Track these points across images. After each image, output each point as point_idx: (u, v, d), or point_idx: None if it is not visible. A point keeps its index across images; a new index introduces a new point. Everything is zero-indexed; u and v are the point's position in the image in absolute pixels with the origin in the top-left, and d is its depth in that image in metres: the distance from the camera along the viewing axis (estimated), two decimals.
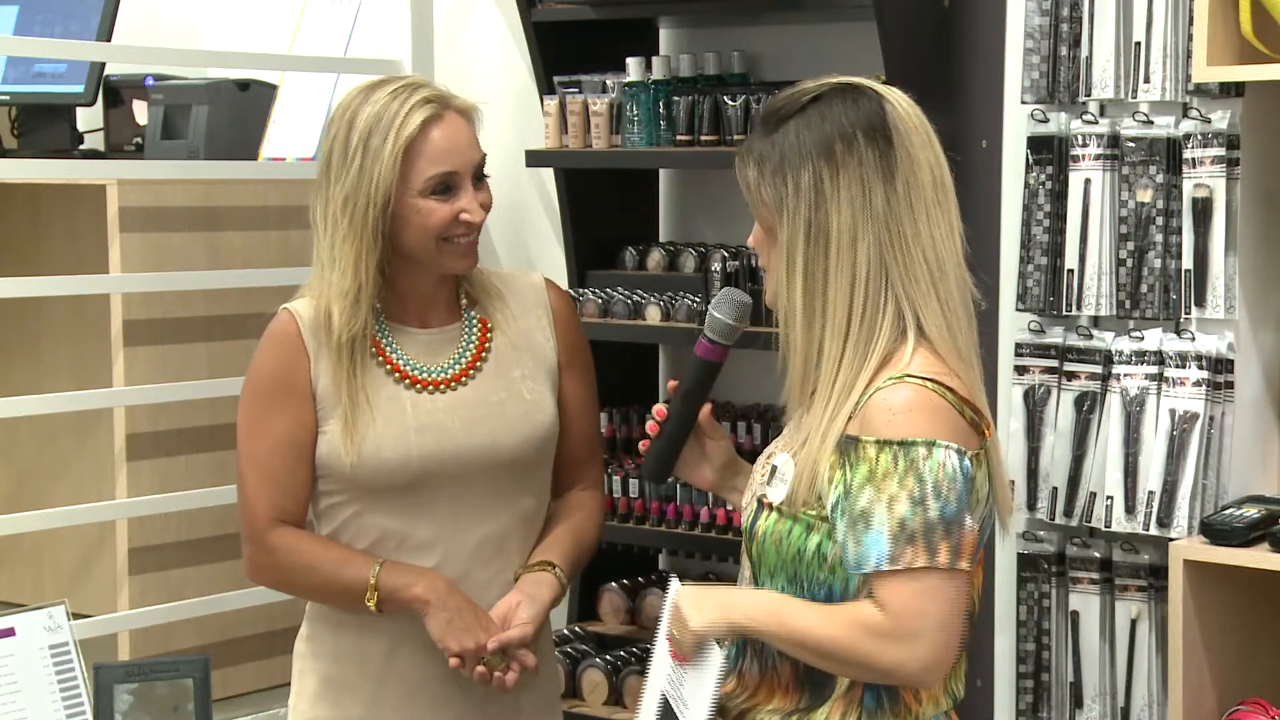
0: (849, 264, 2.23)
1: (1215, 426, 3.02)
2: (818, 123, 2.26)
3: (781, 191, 2.26)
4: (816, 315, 2.25)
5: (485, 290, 2.76)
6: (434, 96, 2.64)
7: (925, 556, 2.15)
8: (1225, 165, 2.97)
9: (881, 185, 2.24)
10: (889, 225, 2.24)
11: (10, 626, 2.89)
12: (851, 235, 2.23)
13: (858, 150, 2.25)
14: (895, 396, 2.19)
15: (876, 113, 2.27)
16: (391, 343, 2.68)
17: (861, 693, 2.26)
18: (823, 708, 2.27)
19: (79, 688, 2.92)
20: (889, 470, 2.17)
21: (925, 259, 2.26)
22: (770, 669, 2.32)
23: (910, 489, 2.16)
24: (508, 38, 4.01)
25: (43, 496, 4.06)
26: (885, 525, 2.16)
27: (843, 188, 2.24)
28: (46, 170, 3.78)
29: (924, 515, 2.15)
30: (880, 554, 2.16)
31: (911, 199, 2.26)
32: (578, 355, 2.80)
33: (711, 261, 3.42)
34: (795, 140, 2.26)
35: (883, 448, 2.18)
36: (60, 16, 4.06)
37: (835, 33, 3.53)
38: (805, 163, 2.25)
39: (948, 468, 2.17)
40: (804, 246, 2.24)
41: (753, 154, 2.30)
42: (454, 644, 2.60)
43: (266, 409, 2.65)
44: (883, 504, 2.16)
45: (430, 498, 2.66)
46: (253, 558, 2.69)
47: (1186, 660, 2.88)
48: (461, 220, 2.62)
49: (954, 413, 2.21)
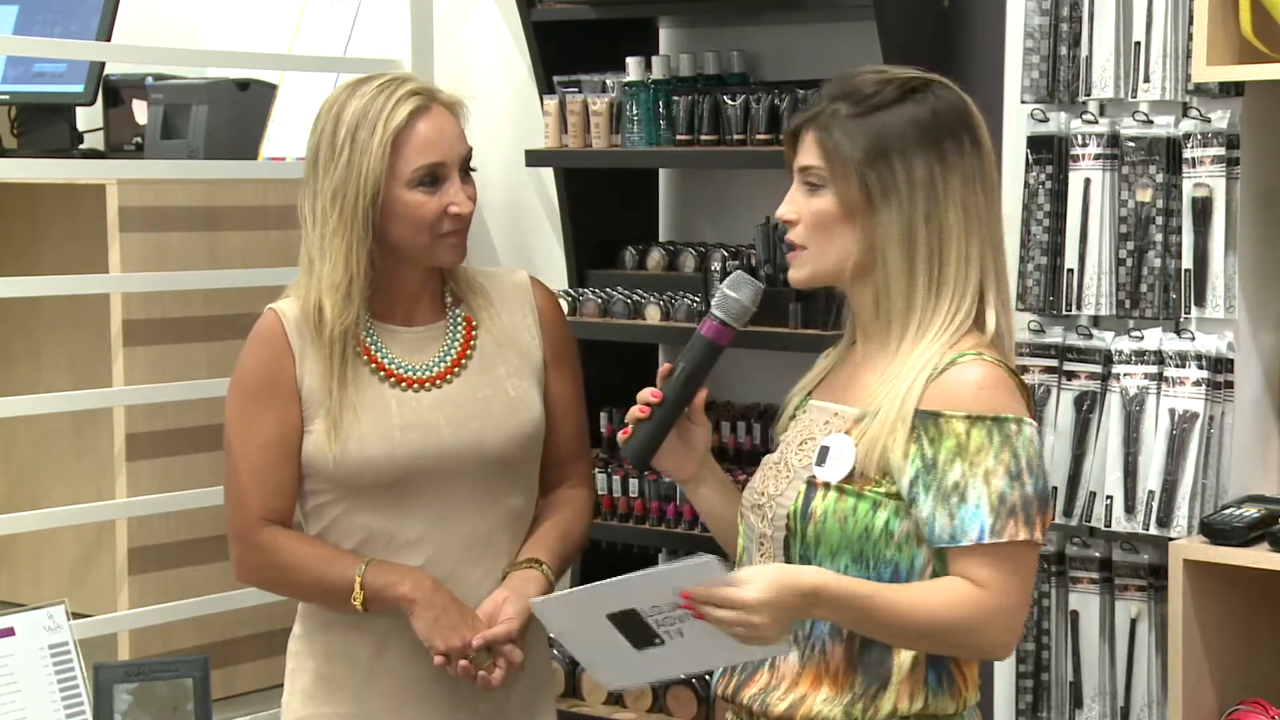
0: (965, 259, 2.29)
1: (1215, 426, 3.01)
2: (924, 114, 2.30)
3: (888, 177, 2.27)
4: (930, 303, 2.29)
5: (470, 288, 2.76)
6: (420, 89, 2.65)
7: (1026, 530, 2.19)
8: (1225, 165, 2.97)
9: (980, 188, 2.31)
10: (989, 227, 2.32)
11: (10, 626, 2.90)
12: (966, 232, 2.29)
13: (964, 150, 2.31)
14: (974, 372, 2.24)
15: (971, 115, 2.34)
16: (376, 341, 2.69)
17: (925, 672, 2.27)
18: (888, 691, 2.26)
19: (79, 688, 2.92)
20: (983, 444, 2.20)
21: (997, 260, 2.34)
22: (818, 656, 2.29)
23: (1006, 463, 2.20)
24: (507, 37, 4.01)
25: (42, 496, 4.06)
26: (984, 499, 2.19)
27: (955, 185, 2.29)
28: (46, 170, 3.78)
29: (1021, 490, 2.20)
30: (983, 527, 2.18)
31: (993, 204, 2.34)
32: (564, 353, 2.80)
33: (711, 261, 3.42)
34: (902, 127, 2.28)
35: (974, 422, 2.21)
36: (60, 16, 4.07)
37: (835, 33, 3.53)
38: (917, 152, 2.27)
39: (1036, 444, 2.23)
40: (925, 236, 2.27)
41: (842, 129, 2.29)
42: (440, 642, 2.60)
43: (253, 409, 2.66)
44: (979, 478, 2.19)
45: (417, 496, 2.66)
46: (240, 557, 2.69)
47: (1186, 660, 2.88)
48: (450, 213, 2.63)
49: (1020, 391, 2.27)
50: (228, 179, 3.80)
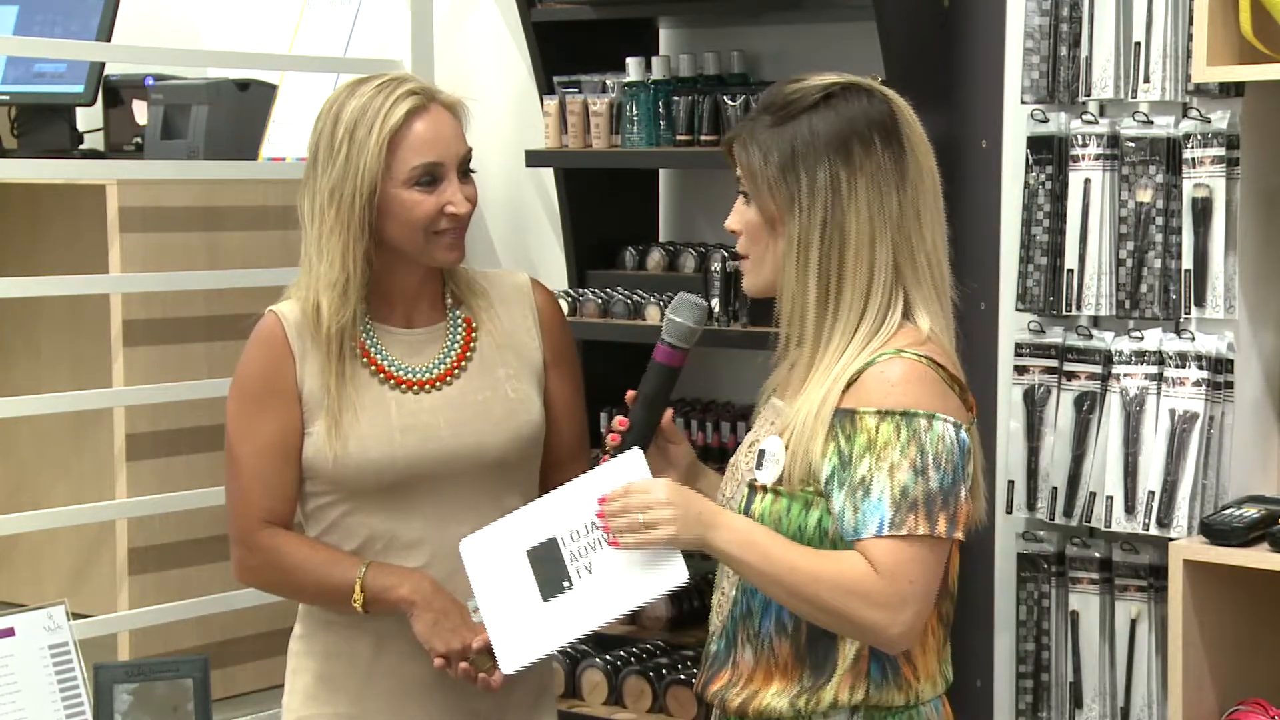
0: (867, 265, 2.28)
1: (1215, 426, 3.01)
2: (834, 120, 2.29)
3: (794, 187, 2.28)
4: (829, 311, 2.29)
5: (470, 290, 2.76)
6: (419, 89, 2.65)
7: (926, 525, 2.20)
8: (1225, 165, 2.97)
9: (895, 189, 2.29)
10: (901, 229, 2.29)
11: (10, 626, 2.90)
12: (870, 237, 2.27)
13: (874, 153, 2.28)
14: (892, 369, 2.24)
15: (889, 115, 2.32)
16: (376, 343, 2.69)
17: (867, 665, 2.29)
18: (831, 683, 2.29)
19: (79, 688, 2.92)
20: (890, 440, 2.21)
21: (929, 263, 2.32)
22: (767, 652, 2.33)
23: (912, 458, 2.20)
24: (507, 38, 4.01)
25: (42, 496, 4.06)
26: (887, 492, 2.20)
27: (860, 189, 2.27)
28: (46, 170, 3.77)
29: (925, 484, 2.20)
30: (883, 519, 2.19)
31: (919, 204, 2.31)
32: (564, 355, 2.80)
33: (711, 261, 3.42)
34: (809, 135, 2.28)
35: (884, 418, 2.22)
36: (60, 16, 4.06)
37: (835, 33, 3.53)
38: (821, 160, 2.27)
39: (946, 440, 2.22)
40: (819, 244, 2.28)
41: (758, 142, 2.31)
42: (439, 644, 2.60)
43: (253, 411, 2.66)
44: (883, 472, 2.20)
45: (417, 498, 2.66)
46: (241, 559, 2.70)
47: (1186, 660, 2.88)
48: (447, 212, 2.63)
49: (945, 385, 2.27)
50: (228, 179, 3.80)
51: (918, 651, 2.32)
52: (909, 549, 2.20)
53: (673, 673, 3.45)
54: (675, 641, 3.61)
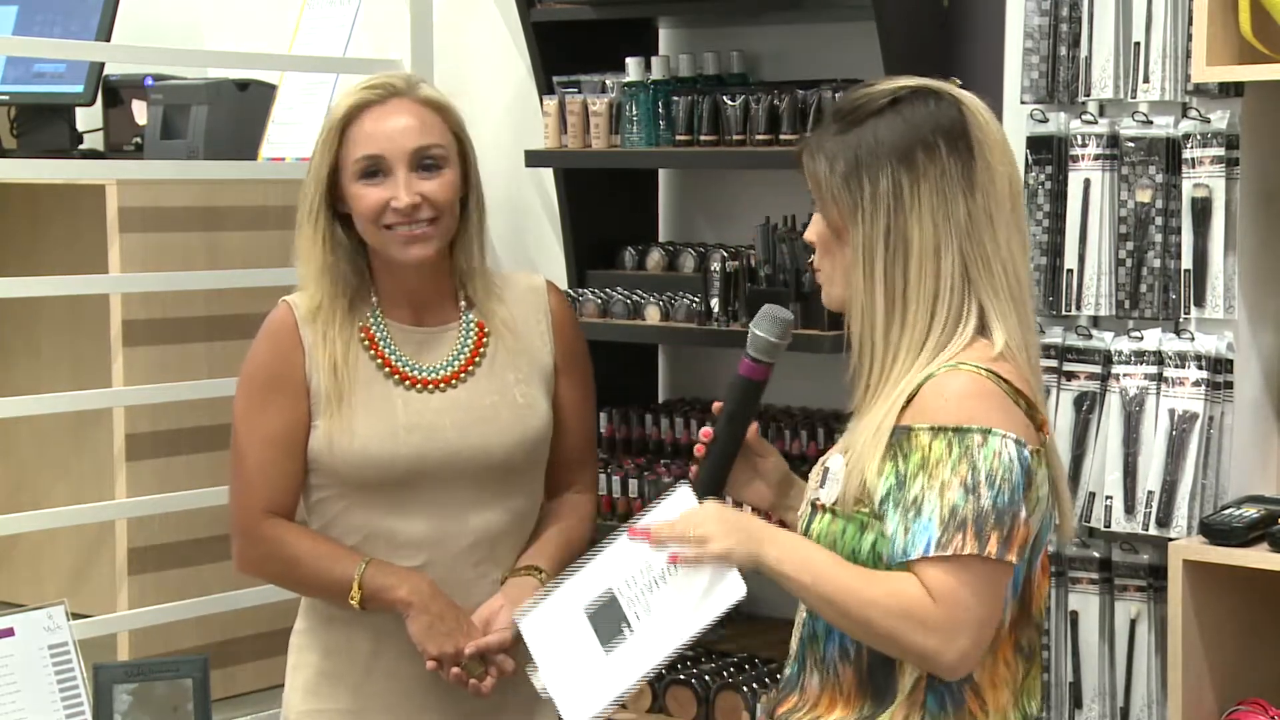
0: (933, 274, 2.20)
1: (1215, 426, 3.01)
2: (898, 126, 2.22)
3: (857, 195, 2.21)
4: (895, 322, 2.21)
5: (486, 292, 2.75)
6: (382, 84, 2.66)
7: (975, 544, 2.11)
8: (1225, 165, 2.97)
9: (962, 196, 2.21)
10: (971, 236, 2.21)
11: (10, 626, 2.90)
12: (935, 245, 2.20)
13: (939, 159, 2.21)
14: (950, 383, 2.16)
15: (958, 120, 2.23)
16: (387, 338, 2.69)
17: (924, 696, 2.21)
18: (886, 712, 2.22)
19: (78, 688, 2.92)
20: (942, 457, 2.13)
21: (1005, 272, 2.23)
22: (832, 678, 2.26)
23: (963, 475, 2.12)
24: (507, 38, 4.01)
25: (42, 496, 4.06)
26: (936, 512, 2.11)
27: (924, 196, 2.20)
28: (46, 170, 3.77)
29: (976, 503, 2.11)
30: (930, 539, 2.11)
31: (991, 211, 2.22)
32: (575, 359, 2.80)
33: (711, 261, 3.42)
34: (873, 142, 2.21)
35: (936, 434, 2.14)
36: (60, 16, 4.06)
37: (835, 33, 3.54)
38: (884, 167, 2.20)
39: (1003, 456, 2.13)
40: (884, 253, 2.20)
41: (824, 150, 2.24)
42: (433, 647, 2.60)
43: (260, 401, 2.66)
44: (935, 490, 2.12)
45: (419, 496, 2.66)
46: (242, 549, 2.70)
47: (1186, 660, 2.88)
48: (391, 207, 2.62)
49: (1008, 401, 2.17)
50: (228, 179, 3.80)
51: (987, 684, 2.22)
52: (962, 573, 2.11)
53: (673, 673, 3.45)
54: None
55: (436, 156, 2.65)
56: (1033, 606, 2.26)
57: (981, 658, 2.18)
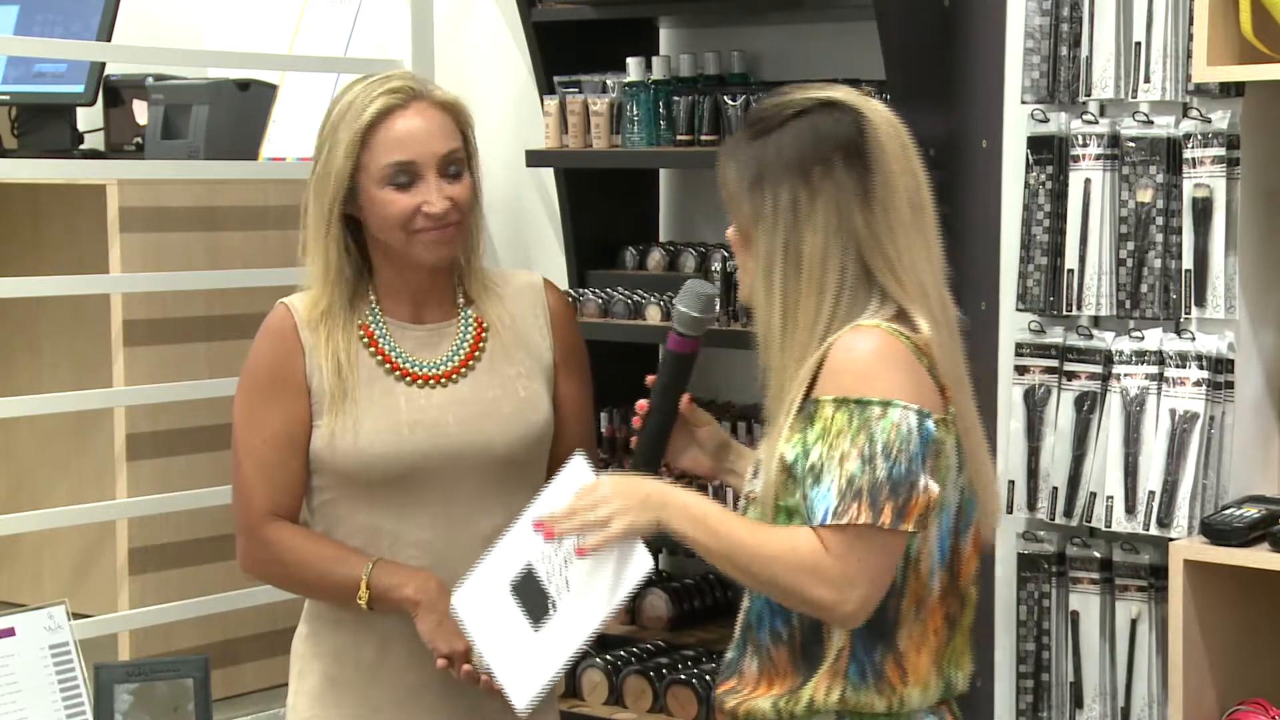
0: (816, 286, 2.24)
1: (1215, 426, 3.02)
2: (798, 140, 2.26)
3: (759, 206, 2.27)
4: (789, 330, 2.26)
5: (484, 289, 2.76)
6: (402, 87, 2.65)
7: (869, 514, 2.16)
8: (1225, 165, 2.97)
9: (858, 209, 2.24)
10: (873, 246, 2.25)
11: (10, 626, 2.90)
12: (822, 257, 2.24)
13: (835, 174, 2.24)
14: (856, 340, 2.20)
15: (855, 134, 2.27)
16: (386, 336, 2.69)
17: (846, 665, 2.25)
18: (809, 683, 2.26)
19: (79, 688, 2.92)
20: (843, 428, 2.18)
21: (911, 281, 2.26)
22: (767, 660, 2.31)
23: (861, 447, 2.17)
24: (508, 38, 4.01)
25: (43, 496, 4.06)
26: (835, 481, 2.17)
27: (819, 210, 2.24)
28: (46, 170, 3.77)
29: (872, 474, 2.16)
30: (828, 509, 2.17)
31: (890, 222, 2.26)
32: (574, 356, 2.80)
33: (711, 261, 3.42)
34: (774, 156, 2.26)
35: (840, 405, 2.19)
36: (60, 16, 4.06)
37: (835, 33, 3.54)
38: (782, 181, 2.25)
39: (902, 428, 2.17)
40: (781, 265, 2.25)
41: (735, 158, 2.30)
42: (443, 645, 2.60)
43: (261, 402, 2.66)
44: (834, 460, 2.18)
45: (423, 494, 2.66)
46: (247, 551, 2.70)
47: (1186, 660, 2.88)
48: (423, 212, 2.63)
49: (913, 359, 2.21)
50: (228, 179, 3.80)
51: (910, 649, 2.26)
52: (855, 541, 2.16)
53: (673, 672, 3.45)
54: (675, 641, 3.61)
55: (459, 160, 2.67)
56: (961, 578, 2.30)
57: (903, 620, 2.24)
